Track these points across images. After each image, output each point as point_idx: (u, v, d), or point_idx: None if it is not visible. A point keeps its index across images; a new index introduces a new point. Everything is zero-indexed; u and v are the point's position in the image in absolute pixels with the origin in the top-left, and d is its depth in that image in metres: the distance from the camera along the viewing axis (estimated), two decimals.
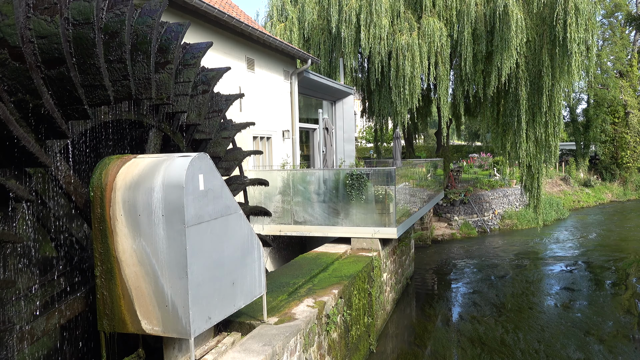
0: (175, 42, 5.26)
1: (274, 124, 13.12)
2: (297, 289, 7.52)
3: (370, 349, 9.11)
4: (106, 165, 4.69)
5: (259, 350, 5.12)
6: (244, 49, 11.59)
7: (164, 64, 5.22)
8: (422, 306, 12.42)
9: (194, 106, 6.05)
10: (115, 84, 4.55)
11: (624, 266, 16.37)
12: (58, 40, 3.81)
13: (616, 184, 36.48)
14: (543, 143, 19.18)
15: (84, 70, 4.17)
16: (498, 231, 23.31)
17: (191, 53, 5.98)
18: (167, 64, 5.20)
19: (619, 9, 37.88)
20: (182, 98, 5.70)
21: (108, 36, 4.44)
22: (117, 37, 4.43)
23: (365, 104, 23.60)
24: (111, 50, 4.44)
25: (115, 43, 4.44)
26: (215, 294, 4.77)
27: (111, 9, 4.57)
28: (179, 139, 6.13)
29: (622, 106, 36.40)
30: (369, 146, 39.33)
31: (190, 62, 5.86)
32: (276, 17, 20.72)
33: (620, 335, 10.35)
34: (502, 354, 9.35)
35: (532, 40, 18.52)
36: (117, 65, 4.50)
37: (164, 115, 5.77)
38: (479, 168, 33.12)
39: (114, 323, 4.61)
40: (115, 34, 4.43)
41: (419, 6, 19.03)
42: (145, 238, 4.45)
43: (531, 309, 12.20)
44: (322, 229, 10.77)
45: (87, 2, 4.12)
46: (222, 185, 4.98)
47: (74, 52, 4.10)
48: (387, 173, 10.97)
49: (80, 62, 4.14)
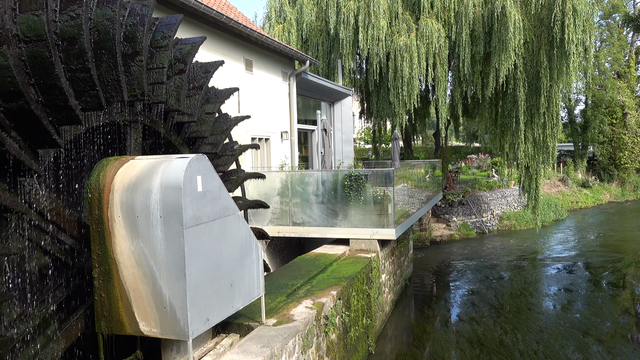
0: (142, 28, 4.68)
1: (272, 125, 13.12)
2: (295, 290, 7.51)
3: (369, 350, 9.10)
4: (104, 166, 4.68)
5: (258, 352, 5.11)
6: (242, 51, 11.60)
7: (133, 56, 4.69)
8: (420, 307, 12.41)
9: (172, 90, 5.41)
10: (83, 95, 4.17)
11: (622, 267, 16.38)
12: (11, 74, 3.53)
13: (614, 185, 36.56)
14: (541, 144, 19.22)
15: (46, 90, 3.86)
16: (496, 232, 23.33)
17: (161, 32, 5.20)
18: (136, 55, 4.67)
19: (616, 10, 37.99)
20: (157, 87, 5.09)
21: (66, 42, 4.03)
22: (76, 44, 4.00)
23: (363, 105, 23.62)
24: (72, 58, 4.05)
25: (75, 50, 4.02)
26: (214, 296, 4.76)
27: (64, 10, 4.09)
28: (159, 125, 5.60)
29: (620, 107, 36.50)
30: (368, 147, 39.37)
31: (162, 44, 5.14)
32: (274, 18, 20.73)
33: (619, 336, 10.36)
34: (500, 355, 9.35)
35: (530, 42, 18.57)
36: (81, 75, 4.10)
37: (141, 109, 5.28)
38: (478, 169, 33.16)
39: (111, 325, 4.60)
40: (74, 40, 4.01)
41: (417, 7, 19.06)
42: (143, 239, 4.44)
43: (530, 310, 12.20)
44: (321, 230, 10.77)
45: (35, 15, 3.71)
46: (220, 187, 4.97)
47: (31, 72, 3.79)
48: (386, 174, 10.98)
49: (41, 82, 3.84)
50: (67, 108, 3.99)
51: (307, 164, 17.10)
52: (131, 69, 4.69)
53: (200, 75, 5.97)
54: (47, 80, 3.83)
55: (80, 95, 4.18)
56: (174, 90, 5.42)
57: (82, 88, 4.17)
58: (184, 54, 5.58)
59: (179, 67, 5.49)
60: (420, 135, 34.60)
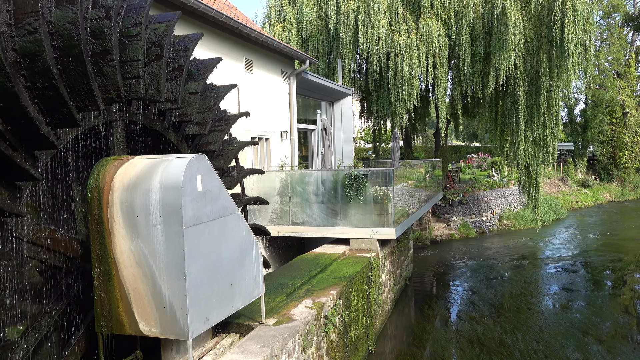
0: (108, 22, 4.21)
1: (272, 125, 13.11)
2: (295, 290, 7.51)
3: (369, 349, 9.10)
4: (104, 166, 4.68)
5: (258, 352, 5.11)
6: (242, 50, 11.59)
7: (103, 55, 4.26)
8: (420, 307, 12.41)
9: (150, 79, 4.95)
10: (55, 115, 3.90)
11: (623, 266, 16.39)
12: None
13: (614, 184, 36.55)
14: (541, 143, 19.22)
15: (13, 118, 3.64)
16: (496, 232, 23.33)
17: (132, 18, 4.69)
18: (107, 54, 4.25)
19: (616, 10, 37.97)
20: (134, 82, 4.67)
21: (28, 60, 3.70)
22: (39, 61, 3.67)
23: (363, 105, 23.60)
24: (37, 77, 3.73)
25: (38, 68, 3.69)
26: (214, 295, 4.76)
27: (20, 23, 3.70)
28: (140, 117, 5.33)
29: (620, 106, 36.49)
30: (368, 147, 39.34)
31: (133, 32, 4.63)
32: (274, 18, 20.71)
33: (619, 336, 10.36)
34: (500, 355, 9.35)
35: (530, 41, 18.56)
36: (50, 93, 3.79)
37: (118, 109, 4.97)
38: (478, 168, 33.15)
39: (111, 325, 4.60)
40: (36, 57, 3.68)
41: (417, 7, 19.05)
42: (143, 239, 4.43)
43: (530, 310, 12.20)
44: (321, 229, 10.77)
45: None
46: (220, 186, 4.97)
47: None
48: (386, 174, 10.97)
49: (5, 111, 3.60)
50: (40, 137, 3.79)
51: (307, 164, 17.09)
52: (103, 69, 4.31)
53: (179, 54, 5.44)
54: (13, 109, 3.55)
55: (52, 113, 3.92)
56: (153, 79, 4.96)
57: (53, 107, 3.89)
58: (159, 36, 5.03)
59: (155, 53, 4.99)
60: (420, 134, 34.57)
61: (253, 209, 10.92)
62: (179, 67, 5.38)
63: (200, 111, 5.98)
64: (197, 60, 6.09)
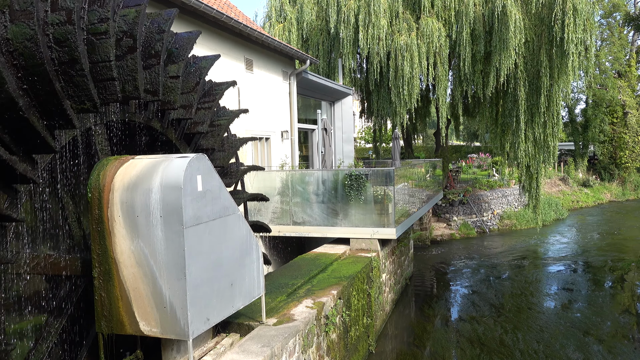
0: (72, 28, 3.78)
1: (272, 125, 13.12)
2: (296, 290, 7.51)
3: (370, 349, 9.10)
4: (104, 166, 4.68)
5: (258, 352, 5.11)
6: (243, 50, 11.59)
7: (71, 64, 3.86)
8: (421, 307, 12.41)
9: (126, 75, 4.58)
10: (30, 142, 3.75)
11: (623, 266, 16.38)
12: None
13: (615, 184, 36.53)
14: (542, 143, 19.21)
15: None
16: (497, 231, 23.32)
17: (97, 12, 4.22)
18: (75, 63, 3.86)
19: (617, 9, 37.95)
20: (109, 84, 4.28)
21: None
22: (1, 93, 3.43)
23: (364, 105, 23.60)
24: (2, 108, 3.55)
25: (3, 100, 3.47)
26: (214, 295, 4.76)
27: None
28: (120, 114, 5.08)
29: (621, 106, 36.46)
30: (368, 147, 39.32)
31: (100, 30, 4.17)
32: (275, 17, 20.72)
33: (620, 335, 10.36)
34: (501, 355, 9.34)
35: (531, 41, 18.55)
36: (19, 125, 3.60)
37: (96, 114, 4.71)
38: (478, 168, 33.14)
39: (112, 324, 4.60)
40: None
41: (417, 7, 19.05)
42: (143, 239, 4.43)
43: (530, 309, 12.20)
44: (321, 229, 10.76)
45: None
46: (221, 186, 4.97)
47: None
48: (386, 173, 10.97)
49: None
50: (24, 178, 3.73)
51: (308, 164, 17.09)
52: (74, 79, 3.92)
53: (154, 38, 4.94)
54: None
55: (27, 142, 3.75)
56: (129, 75, 4.57)
57: (26, 135, 3.73)
58: (129, 24, 4.56)
59: (127, 45, 4.56)
60: (420, 134, 34.59)
61: (253, 208, 10.92)
62: (155, 53, 4.91)
63: (184, 92, 5.61)
64: (175, 34, 5.64)
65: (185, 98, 5.63)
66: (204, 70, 5.87)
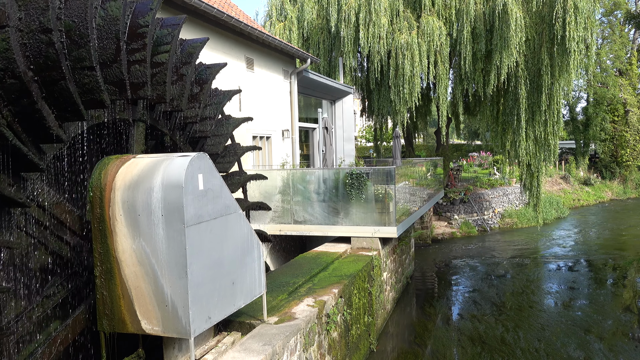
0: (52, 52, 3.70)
1: (273, 124, 13.12)
2: (297, 289, 7.52)
3: (371, 348, 9.11)
4: (105, 165, 4.69)
5: (259, 350, 5.12)
6: (243, 49, 11.59)
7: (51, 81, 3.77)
8: (422, 305, 12.41)
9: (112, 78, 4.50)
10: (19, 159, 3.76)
11: (624, 264, 16.37)
12: None
13: (616, 183, 36.50)
14: (543, 142, 19.20)
15: None
16: (498, 230, 23.31)
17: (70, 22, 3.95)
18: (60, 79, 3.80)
19: (618, 7, 37.89)
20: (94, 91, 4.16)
21: None
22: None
23: (364, 103, 23.59)
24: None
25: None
26: (215, 294, 4.77)
27: None
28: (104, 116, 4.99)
29: (622, 104, 36.42)
30: (369, 145, 39.30)
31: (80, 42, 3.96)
32: (275, 16, 20.72)
33: (621, 334, 10.36)
34: (502, 353, 9.35)
35: (532, 39, 18.53)
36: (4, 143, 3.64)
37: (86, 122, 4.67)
38: (479, 167, 33.13)
39: (113, 323, 4.61)
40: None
41: (418, 5, 19.03)
42: (144, 238, 4.44)
43: (531, 308, 12.20)
44: (322, 228, 10.76)
45: None
46: (222, 185, 4.97)
47: None
48: (387, 172, 10.96)
49: None
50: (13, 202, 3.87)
51: (309, 162, 17.09)
52: (55, 87, 3.85)
53: (134, 35, 4.80)
54: None
55: (16, 158, 3.77)
56: (116, 78, 4.52)
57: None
58: (108, 22, 4.38)
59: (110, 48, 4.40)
60: (421, 133, 34.59)
61: None
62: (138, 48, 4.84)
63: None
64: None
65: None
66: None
